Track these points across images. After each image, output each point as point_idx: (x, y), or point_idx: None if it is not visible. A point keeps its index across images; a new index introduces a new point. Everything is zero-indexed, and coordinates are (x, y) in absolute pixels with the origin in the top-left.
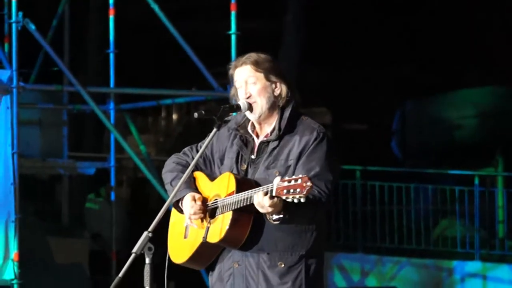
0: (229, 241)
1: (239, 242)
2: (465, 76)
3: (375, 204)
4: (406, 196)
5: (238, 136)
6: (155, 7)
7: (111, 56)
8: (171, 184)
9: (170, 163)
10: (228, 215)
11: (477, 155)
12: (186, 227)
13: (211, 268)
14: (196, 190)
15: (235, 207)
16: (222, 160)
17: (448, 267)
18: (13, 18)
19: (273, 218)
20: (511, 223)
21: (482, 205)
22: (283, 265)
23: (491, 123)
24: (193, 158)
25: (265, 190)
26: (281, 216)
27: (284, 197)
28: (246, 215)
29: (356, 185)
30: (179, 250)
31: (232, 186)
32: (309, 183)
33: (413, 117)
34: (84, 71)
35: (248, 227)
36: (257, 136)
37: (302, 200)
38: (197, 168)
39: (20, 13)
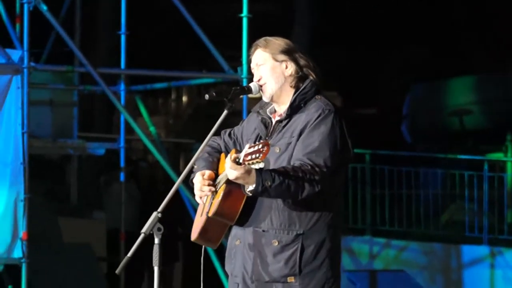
0: (223, 214)
1: (234, 215)
2: (476, 61)
3: (384, 188)
4: (415, 181)
5: (260, 118)
6: None
7: (122, 37)
8: (194, 164)
9: (204, 144)
10: (222, 188)
11: (487, 140)
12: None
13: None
14: (212, 169)
15: (226, 180)
16: (248, 142)
17: (456, 252)
18: None
19: (247, 190)
20: None
21: (491, 190)
22: (277, 243)
23: (501, 109)
24: (224, 141)
25: (234, 157)
26: (253, 187)
27: (247, 163)
28: (238, 188)
29: (366, 169)
30: (194, 227)
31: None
32: (265, 148)
33: (423, 101)
34: (95, 52)
35: (241, 200)
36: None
37: (261, 165)
38: (228, 151)
39: None
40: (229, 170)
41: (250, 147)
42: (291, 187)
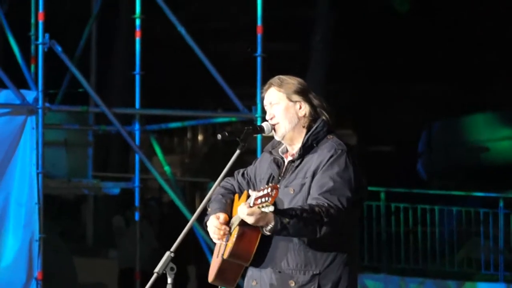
0: (237, 256)
1: (248, 257)
2: (493, 96)
3: (399, 225)
4: (430, 218)
5: (272, 158)
6: (182, 30)
7: (137, 77)
8: (208, 206)
9: (218, 186)
10: (236, 230)
11: (502, 178)
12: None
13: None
14: (226, 211)
15: (239, 222)
16: (261, 182)
17: None
18: (40, 40)
19: (266, 229)
20: None
21: (507, 227)
22: (293, 284)
23: None
24: (237, 181)
25: (248, 202)
26: (272, 226)
27: (257, 207)
28: (251, 230)
29: (381, 207)
30: (211, 269)
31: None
32: (274, 191)
33: (439, 139)
34: (110, 92)
35: (255, 241)
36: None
37: (271, 209)
38: (241, 191)
39: (47, 35)
40: (245, 216)
41: (259, 191)
42: (309, 224)
